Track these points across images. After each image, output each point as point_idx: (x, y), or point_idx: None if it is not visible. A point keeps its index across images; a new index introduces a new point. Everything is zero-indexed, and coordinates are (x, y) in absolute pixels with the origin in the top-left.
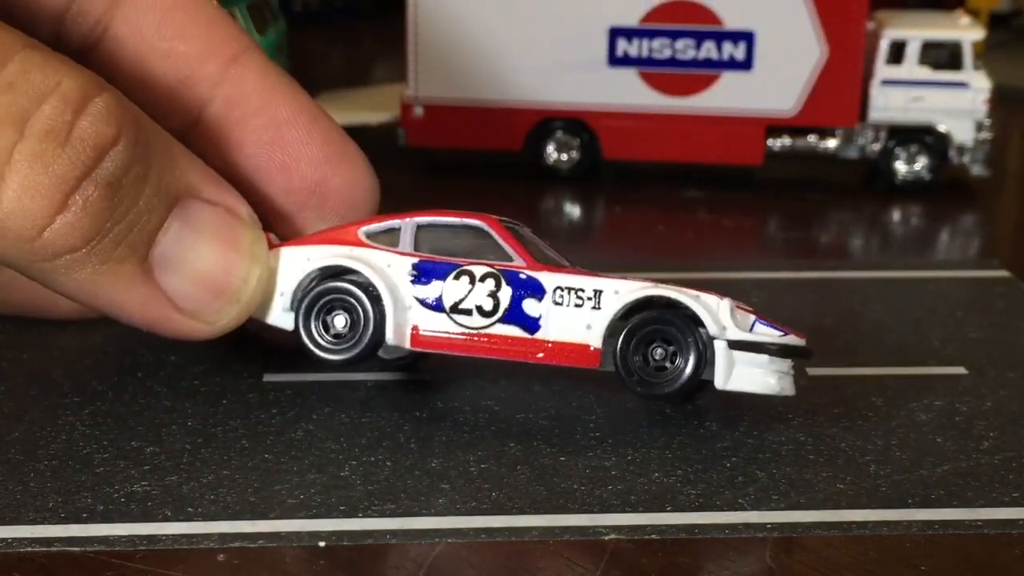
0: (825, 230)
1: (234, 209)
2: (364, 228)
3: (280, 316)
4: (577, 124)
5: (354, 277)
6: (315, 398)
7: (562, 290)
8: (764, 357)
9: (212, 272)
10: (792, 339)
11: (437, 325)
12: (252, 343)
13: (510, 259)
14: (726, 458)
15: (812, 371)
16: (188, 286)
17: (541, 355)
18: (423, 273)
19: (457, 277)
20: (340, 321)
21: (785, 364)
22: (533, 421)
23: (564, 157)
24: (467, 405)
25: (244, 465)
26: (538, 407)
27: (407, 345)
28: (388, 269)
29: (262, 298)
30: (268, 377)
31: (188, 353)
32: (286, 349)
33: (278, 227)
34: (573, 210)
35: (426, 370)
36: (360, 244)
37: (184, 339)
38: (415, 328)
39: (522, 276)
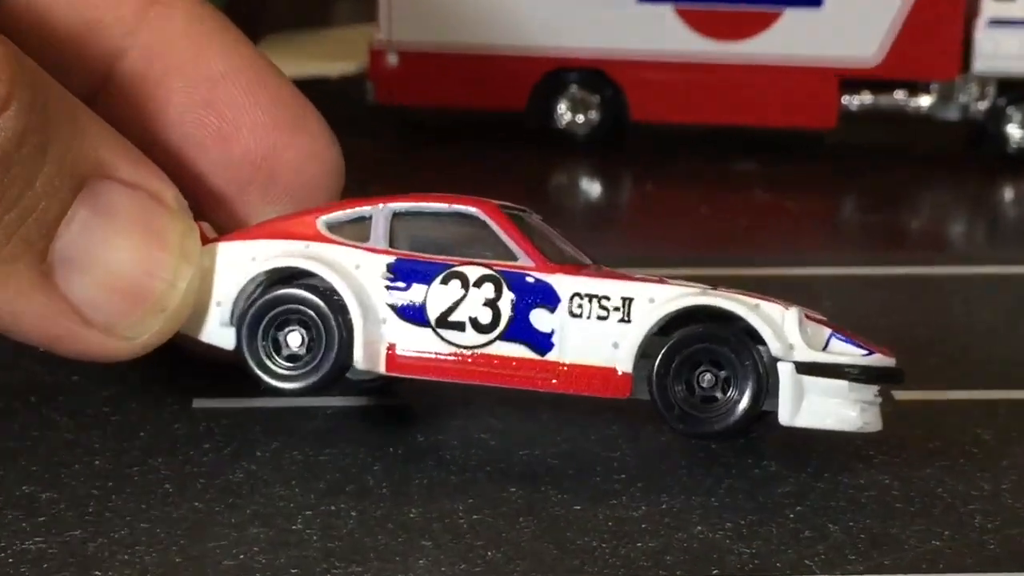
0: (916, 213)
1: (158, 193)
2: (325, 217)
3: (217, 332)
4: (596, 76)
5: (312, 282)
6: (259, 430)
7: (581, 298)
8: (843, 383)
9: (129, 273)
10: (878, 359)
11: (420, 343)
12: (178, 359)
13: (514, 257)
14: (789, 507)
15: (900, 395)
16: (99, 292)
17: (554, 382)
18: (401, 275)
19: (445, 281)
20: (295, 339)
21: (869, 391)
22: (540, 460)
23: (580, 119)
24: (455, 439)
25: (167, 516)
26: (546, 442)
27: (381, 369)
28: (356, 271)
29: (194, 307)
30: (199, 403)
31: (95, 373)
32: (222, 365)
33: (214, 214)
34: (591, 188)
35: (403, 394)
36: (320, 238)
37: (95, 360)
38: (391, 348)
39: (529, 280)
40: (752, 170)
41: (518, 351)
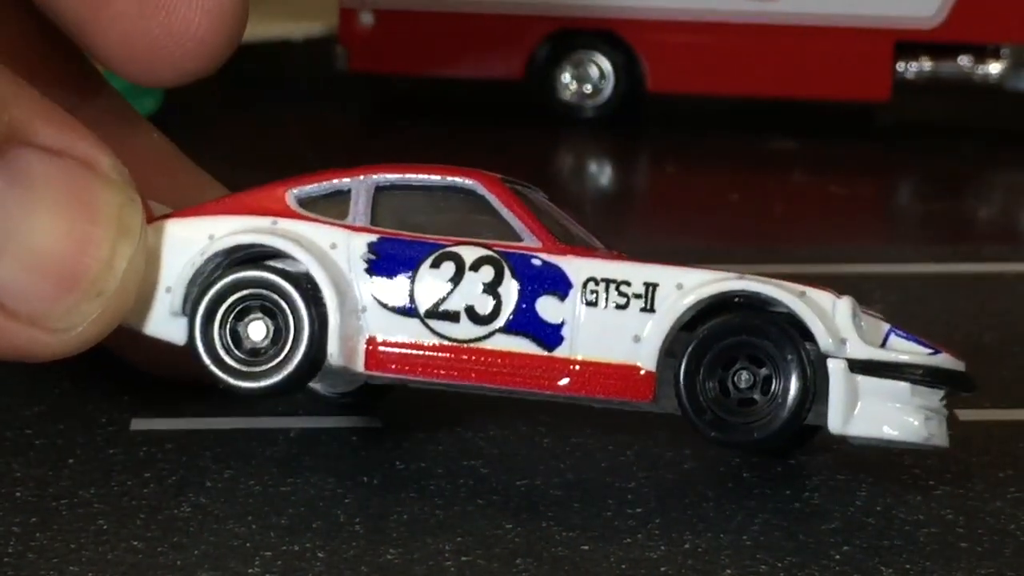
0: (985, 200)
1: (88, 159)
2: (296, 190)
3: (166, 323)
4: (607, 39)
5: (280, 264)
6: (209, 456)
7: (597, 283)
8: (904, 386)
9: (56, 252)
10: (946, 360)
11: (406, 336)
12: (113, 370)
13: (517, 237)
14: (834, 547)
15: (964, 415)
16: (20, 275)
17: (565, 382)
18: (385, 257)
19: (437, 264)
20: (258, 330)
21: (935, 397)
22: (541, 490)
23: (587, 90)
24: (440, 467)
25: (101, 558)
26: (548, 469)
27: (360, 368)
28: (333, 252)
29: (139, 294)
30: (138, 424)
31: (16, 388)
32: (167, 379)
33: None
34: (601, 170)
35: (379, 414)
36: (290, 214)
37: (22, 359)
38: (372, 342)
39: (536, 262)
40: (791, 149)
41: (522, 345)
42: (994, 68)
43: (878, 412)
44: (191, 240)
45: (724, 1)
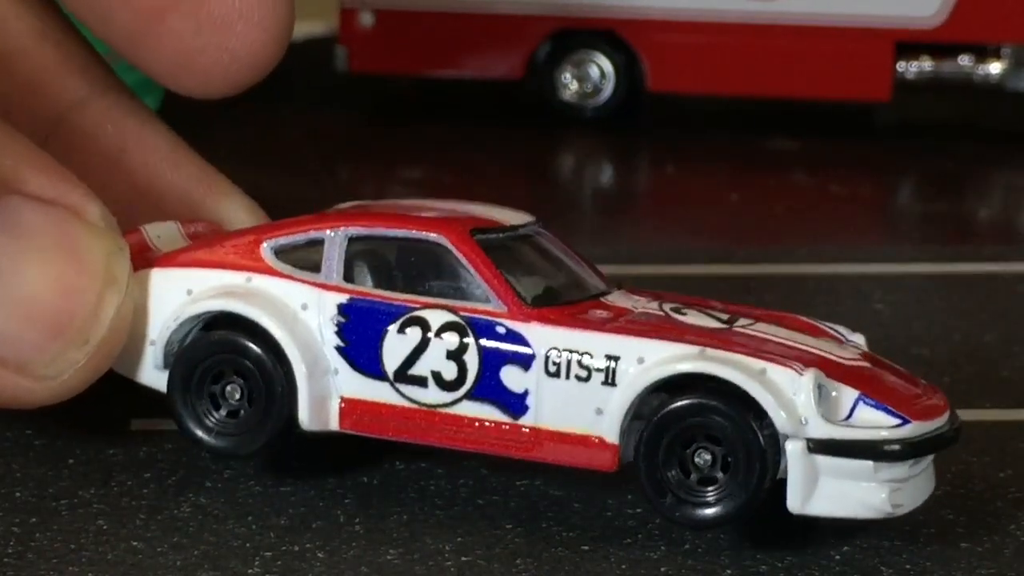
0: (985, 200)
1: (78, 208)
2: (271, 242)
3: (153, 375)
4: (607, 39)
5: (252, 326)
6: (209, 456)
7: (559, 353)
8: (867, 464)
9: (43, 300)
10: (915, 428)
11: (377, 398)
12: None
13: (485, 298)
14: (834, 546)
15: (966, 415)
16: (8, 321)
17: (531, 449)
18: (354, 318)
19: (403, 328)
20: (235, 392)
21: (902, 468)
22: (541, 491)
23: (588, 90)
24: (440, 466)
25: (101, 558)
26: (548, 469)
27: (334, 427)
28: (304, 312)
29: (127, 344)
30: (138, 424)
31: None
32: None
33: (132, 53)
34: (601, 170)
35: None
36: (264, 269)
37: (6, 405)
38: (344, 402)
39: (500, 329)
40: (791, 150)
41: (489, 413)
42: (994, 68)
43: (839, 491)
44: (171, 294)
45: (724, 1)
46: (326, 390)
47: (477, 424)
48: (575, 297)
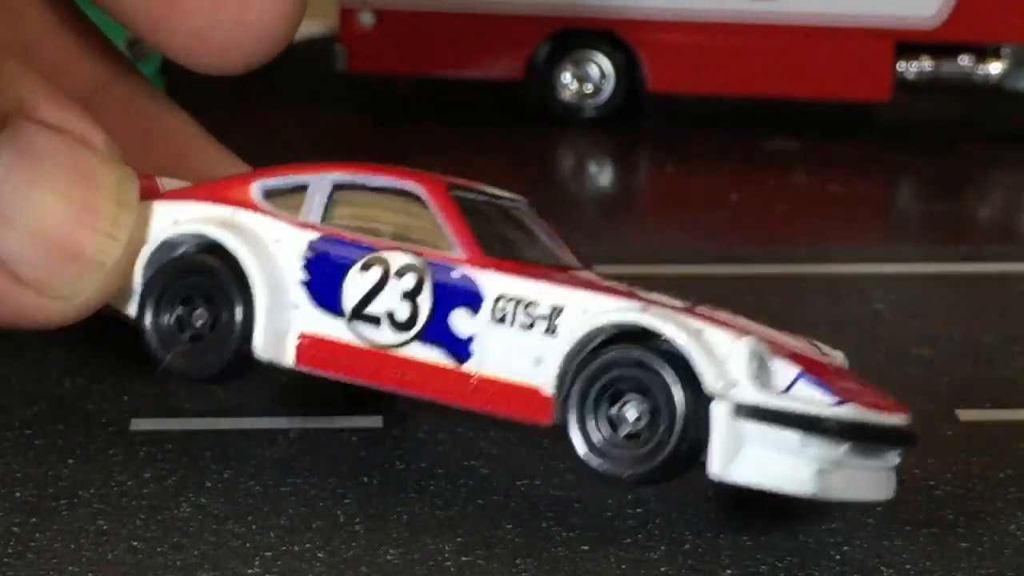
0: (985, 200)
1: (85, 137)
2: (263, 182)
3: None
4: (607, 39)
5: (223, 253)
6: (209, 456)
7: (507, 301)
8: (793, 435)
9: (62, 224)
10: (851, 411)
11: (333, 336)
12: (113, 370)
13: (449, 246)
14: (835, 547)
15: (965, 416)
16: (29, 245)
17: (471, 396)
18: (322, 256)
19: (366, 267)
20: (200, 317)
21: (837, 450)
22: (541, 490)
23: (588, 90)
24: (441, 466)
25: (101, 558)
26: (548, 469)
27: (288, 362)
28: (276, 246)
29: (128, 268)
30: (138, 424)
31: (15, 386)
32: (169, 372)
33: (152, 36)
34: (601, 170)
35: (380, 413)
36: (249, 205)
37: (29, 327)
38: (303, 338)
39: (455, 274)
40: (791, 150)
41: (435, 356)
42: (994, 68)
43: (762, 460)
44: (159, 223)
45: (724, 1)
46: (286, 324)
47: (423, 368)
48: (542, 263)
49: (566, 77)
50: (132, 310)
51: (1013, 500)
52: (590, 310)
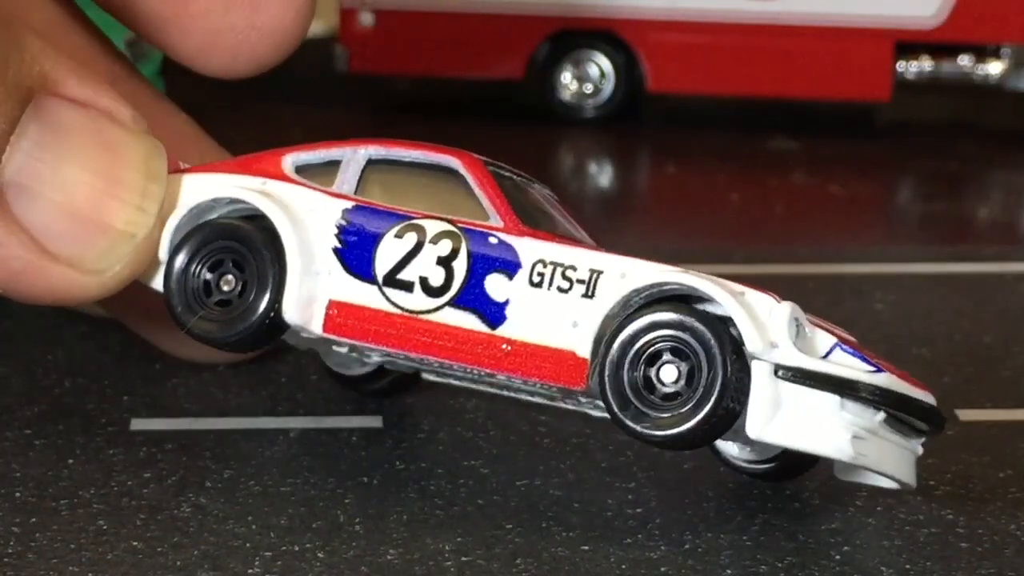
0: (985, 200)
1: (111, 111)
2: (294, 156)
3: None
4: (607, 39)
5: (258, 220)
6: (209, 456)
7: (545, 265)
8: (833, 399)
9: (91, 196)
10: (888, 380)
11: (363, 302)
12: (113, 370)
13: (486, 216)
14: (834, 547)
15: (965, 415)
16: (59, 218)
17: (503, 361)
18: (355, 224)
19: (400, 234)
20: (228, 282)
21: (873, 419)
22: (541, 490)
23: (588, 90)
24: (440, 466)
25: (101, 558)
26: (548, 469)
27: (317, 329)
28: (309, 215)
29: (158, 240)
30: (138, 424)
31: (15, 386)
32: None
33: (169, 29)
34: (601, 170)
35: (381, 413)
36: (282, 177)
37: (61, 301)
38: (332, 305)
39: (492, 240)
40: (791, 150)
41: (467, 321)
42: (994, 68)
43: (800, 421)
44: (189, 194)
45: (724, 1)
46: (315, 290)
47: (455, 332)
48: (581, 241)
49: (566, 77)
50: (158, 283)
51: (1013, 500)
52: (629, 274)
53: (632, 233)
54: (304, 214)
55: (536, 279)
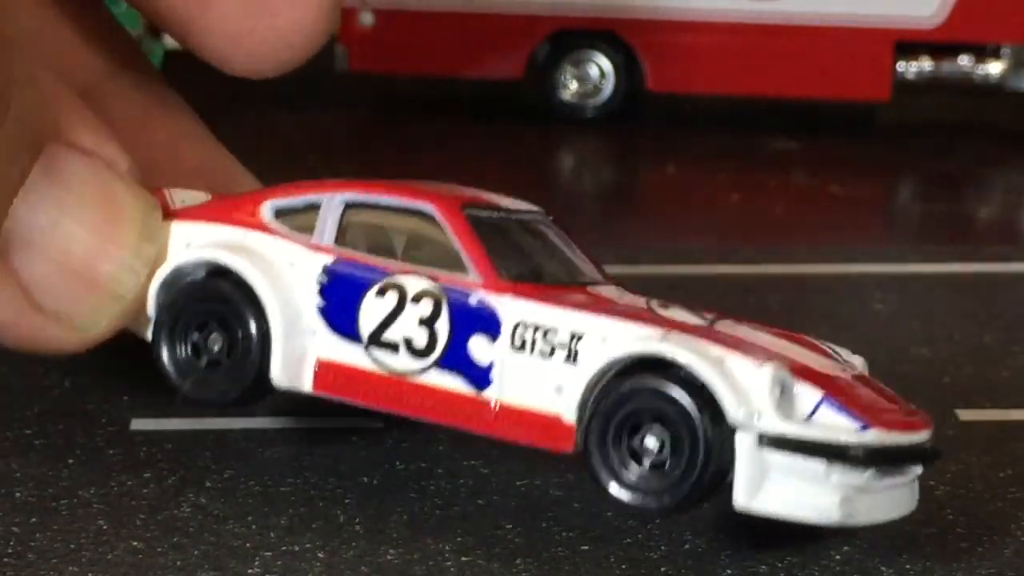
0: (986, 200)
1: (113, 161)
2: (274, 202)
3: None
4: (607, 39)
5: (237, 278)
6: (209, 456)
7: (525, 328)
8: (818, 465)
9: (85, 254)
10: (880, 435)
11: (350, 361)
12: (113, 370)
13: (464, 268)
14: (834, 547)
15: (965, 415)
16: (52, 273)
17: (491, 424)
18: (337, 280)
19: (382, 292)
20: (216, 342)
21: (861, 476)
22: (541, 490)
23: (588, 90)
24: (440, 466)
25: (101, 558)
26: (548, 469)
27: (306, 388)
28: (290, 270)
29: (144, 298)
30: (138, 424)
31: (15, 386)
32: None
33: (183, 36)
34: (601, 170)
35: (379, 413)
36: (261, 227)
37: (37, 351)
38: (320, 364)
39: (472, 300)
40: (791, 149)
41: (454, 383)
42: (994, 68)
43: (788, 490)
44: (173, 247)
45: (724, 1)
46: (302, 349)
47: (442, 395)
48: (561, 281)
49: (566, 77)
50: (148, 334)
51: (1013, 500)
52: (609, 338)
53: (632, 233)
54: (285, 269)
55: (518, 342)
